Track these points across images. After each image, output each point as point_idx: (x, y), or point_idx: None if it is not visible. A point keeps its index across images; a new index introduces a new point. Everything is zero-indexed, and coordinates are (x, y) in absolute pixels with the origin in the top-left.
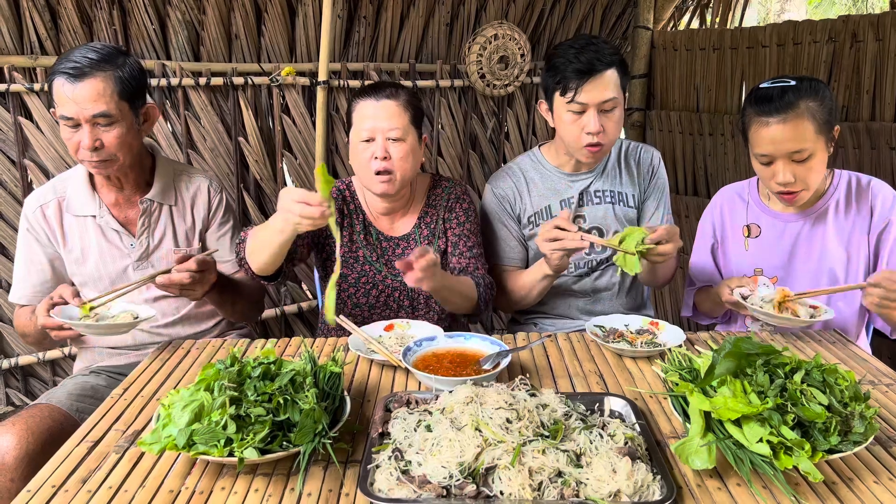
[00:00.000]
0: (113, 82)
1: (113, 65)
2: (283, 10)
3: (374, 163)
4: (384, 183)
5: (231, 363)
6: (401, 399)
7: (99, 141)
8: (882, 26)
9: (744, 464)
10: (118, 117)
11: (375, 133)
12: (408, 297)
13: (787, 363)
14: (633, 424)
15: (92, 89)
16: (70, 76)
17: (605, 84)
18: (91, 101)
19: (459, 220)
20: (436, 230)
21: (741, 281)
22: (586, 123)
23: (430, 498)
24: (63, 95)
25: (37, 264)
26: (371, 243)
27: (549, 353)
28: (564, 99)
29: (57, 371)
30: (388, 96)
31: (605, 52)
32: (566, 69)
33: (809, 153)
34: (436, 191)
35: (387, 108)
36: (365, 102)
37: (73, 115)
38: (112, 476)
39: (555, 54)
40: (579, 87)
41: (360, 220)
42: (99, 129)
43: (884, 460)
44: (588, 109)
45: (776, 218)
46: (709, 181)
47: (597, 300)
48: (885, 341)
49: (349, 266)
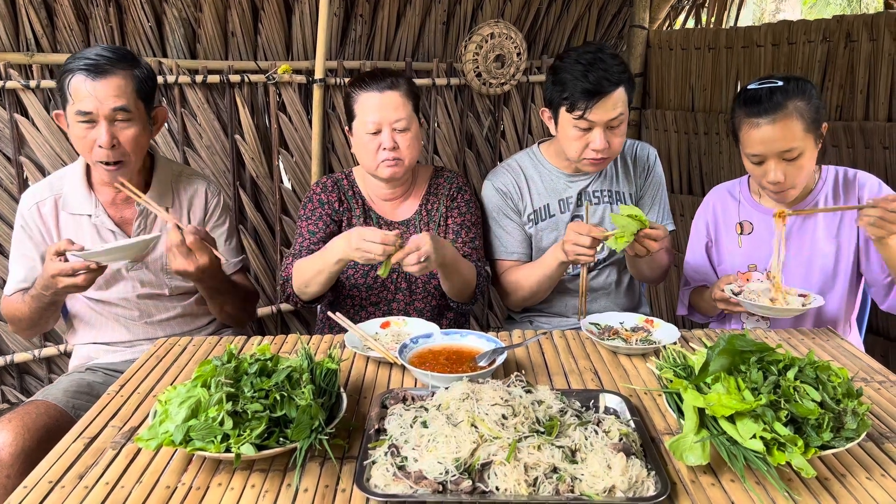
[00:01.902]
0: (132, 80)
1: (131, 64)
2: (280, 8)
3: (381, 153)
4: (392, 167)
5: (228, 360)
6: (397, 395)
7: (116, 139)
8: (876, 26)
9: (737, 460)
10: (136, 115)
11: (382, 125)
12: (405, 278)
13: (781, 360)
14: (628, 421)
15: (114, 84)
16: (90, 72)
17: (614, 103)
18: (112, 96)
19: (461, 209)
20: (436, 217)
21: (728, 279)
22: (592, 140)
23: (426, 494)
24: (82, 91)
25: (29, 260)
26: (371, 226)
27: (544, 350)
28: (571, 115)
29: (52, 368)
30: (391, 86)
31: (613, 70)
32: (574, 88)
33: (799, 152)
34: (438, 180)
35: (391, 100)
36: (368, 94)
37: (92, 110)
38: (108, 472)
39: (561, 68)
40: (588, 107)
41: (360, 204)
42: (116, 127)
43: (876, 457)
44: (595, 127)
45: (767, 214)
46: (704, 180)
47: (593, 299)
48: (878, 339)
49: None
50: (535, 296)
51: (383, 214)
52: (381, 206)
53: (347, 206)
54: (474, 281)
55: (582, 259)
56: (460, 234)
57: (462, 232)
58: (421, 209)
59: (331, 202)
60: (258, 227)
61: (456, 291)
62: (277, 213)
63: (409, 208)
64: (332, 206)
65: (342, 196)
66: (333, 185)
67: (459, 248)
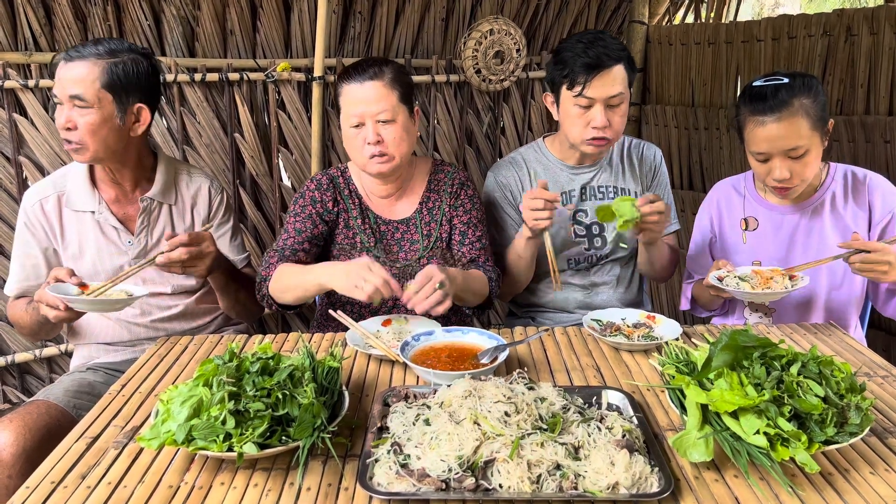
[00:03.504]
0: (101, 71)
1: (111, 56)
2: (279, 6)
3: (367, 148)
4: (380, 164)
5: (229, 358)
6: (399, 393)
7: (72, 122)
8: (876, 20)
9: (741, 455)
10: (93, 104)
11: (364, 118)
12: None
13: (784, 355)
14: (631, 417)
15: (76, 72)
16: (67, 57)
17: (613, 79)
18: (70, 81)
19: (465, 207)
20: (438, 216)
21: (718, 264)
22: (593, 118)
23: (429, 491)
24: (57, 75)
25: (31, 258)
26: (369, 227)
27: (546, 347)
28: (571, 93)
29: (53, 368)
30: (373, 76)
31: (613, 47)
32: (574, 63)
33: (805, 149)
34: (438, 175)
35: (373, 90)
36: (350, 86)
37: (57, 93)
38: (111, 472)
39: (562, 48)
40: (587, 81)
41: (357, 203)
42: (75, 112)
43: (879, 451)
44: (595, 104)
45: (773, 210)
46: (704, 175)
47: (594, 294)
48: (879, 333)
49: (346, 253)
50: (515, 280)
51: (381, 213)
52: (378, 205)
53: (343, 206)
54: (486, 289)
55: (540, 224)
56: (467, 235)
57: (469, 232)
58: (421, 207)
59: (324, 201)
60: (258, 225)
61: (468, 304)
62: (277, 212)
63: (408, 206)
64: (324, 206)
65: (338, 195)
66: (329, 183)
67: (467, 252)
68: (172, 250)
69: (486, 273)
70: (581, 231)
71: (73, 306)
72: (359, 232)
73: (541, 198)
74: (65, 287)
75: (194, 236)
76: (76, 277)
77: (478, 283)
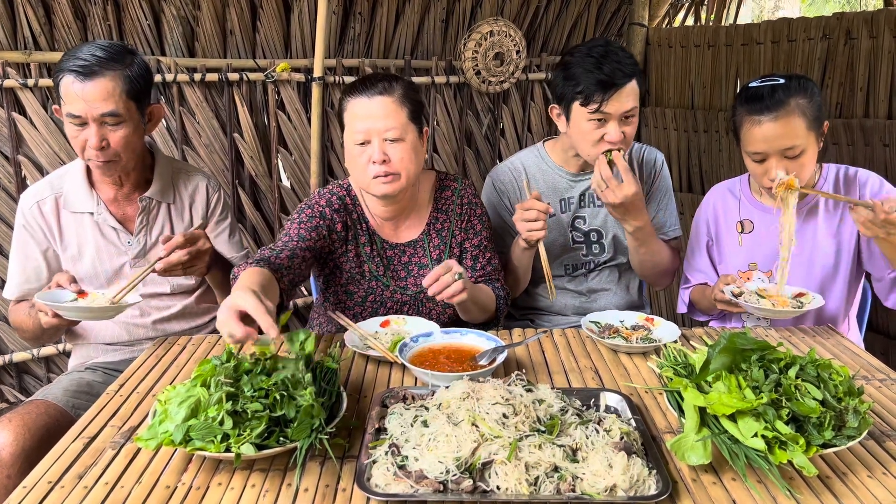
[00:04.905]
0: (122, 81)
1: (122, 63)
2: (279, 6)
3: (371, 167)
4: (385, 184)
5: (227, 359)
6: (397, 395)
7: (105, 141)
8: (876, 23)
9: (739, 458)
10: (126, 117)
11: (371, 135)
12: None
13: (782, 358)
14: (629, 420)
15: (102, 88)
16: (79, 74)
17: (628, 95)
18: (101, 101)
19: (475, 229)
20: (447, 238)
21: (727, 279)
22: (608, 133)
23: (426, 493)
24: (72, 93)
25: (32, 260)
26: (376, 254)
27: (544, 349)
28: (586, 109)
29: (51, 368)
30: (382, 92)
31: (626, 62)
32: (589, 81)
33: (801, 149)
34: (444, 193)
35: (381, 106)
36: (356, 101)
37: (81, 114)
38: (108, 472)
39: (572, 62)
40: (605, 99)
41: (365, 230)
42: (106, 129)
43: (877, 455)
44: (611, 120)
45: (768, 213)
46: (703, 178)
47: (593, 300)
48: (878, 337)
49: (355, 283)
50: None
51: (388, 238)
52: (384, 228)
53: (354, 232)
54: (493, 305)
55: (535, 235)
56: (478, 259)
57: (479, 255)
58: (429, 228)
59: (334, 222)
60: (257, 225)
61: (473, 319)
62: (276, 212)
63: (414, 229)
64: (333, 227)
65: (348, 220)
66: (340, 205)
67: (478, 273)
68: (170, 254)
69: (496, 291)
70: (579, 237)
71: (62, 314)
72: (367, 260)
73: (534, 209)
74: (56, 294)
75: (189, 236)
76: (75, 285)
77: (486, 297)
